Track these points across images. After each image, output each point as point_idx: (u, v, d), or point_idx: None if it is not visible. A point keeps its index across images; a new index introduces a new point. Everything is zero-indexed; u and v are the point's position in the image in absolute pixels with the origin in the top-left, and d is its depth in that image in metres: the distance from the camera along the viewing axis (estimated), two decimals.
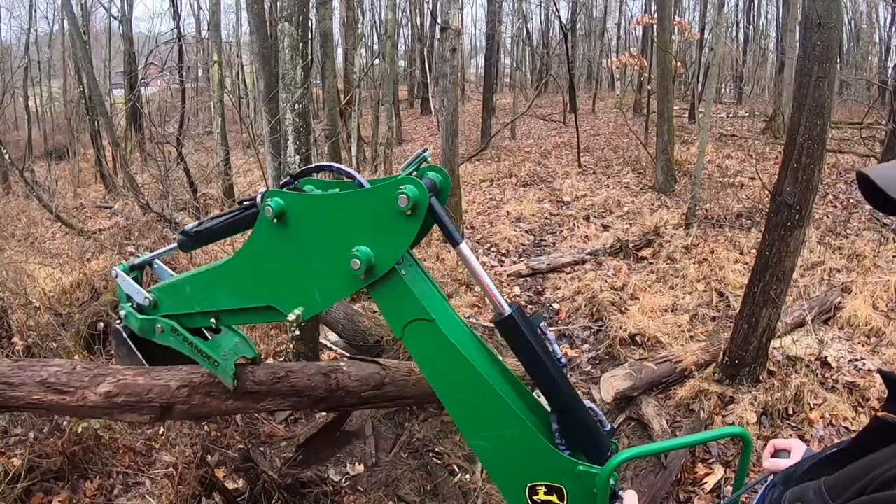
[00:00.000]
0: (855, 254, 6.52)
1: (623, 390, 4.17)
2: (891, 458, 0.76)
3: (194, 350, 1.82)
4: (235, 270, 1.60)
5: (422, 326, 1.36)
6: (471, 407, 1.40)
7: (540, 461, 1.37)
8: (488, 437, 1.39)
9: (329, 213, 1.36)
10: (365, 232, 1.31)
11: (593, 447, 1.40)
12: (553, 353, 1.40)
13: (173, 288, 1.83)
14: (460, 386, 1.38)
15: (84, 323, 5.23)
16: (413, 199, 1.24)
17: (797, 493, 0.88)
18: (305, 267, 1.43)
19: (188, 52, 21.34)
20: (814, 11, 3.60)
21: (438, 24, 10.47)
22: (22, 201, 14.62)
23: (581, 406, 1.42)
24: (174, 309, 1.81)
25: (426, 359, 1.43)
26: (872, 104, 15.77)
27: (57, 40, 24.29)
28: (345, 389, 2.36)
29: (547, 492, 1.39)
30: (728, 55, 22.40)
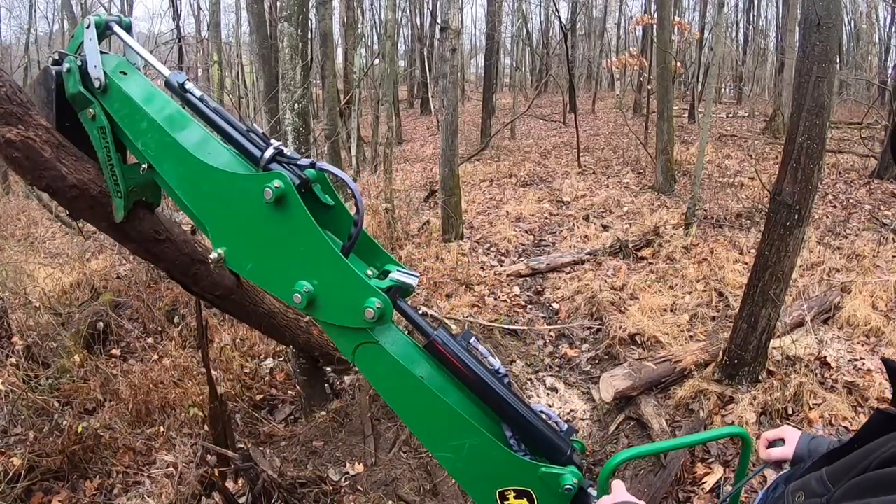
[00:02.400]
0: (854, 254, 6.52)
1: (622, 390, 4.17)
2: (887, 441, 0.77)
3: (107, 164, 1.63)
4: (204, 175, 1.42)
5: (368, 350, 1.40)
6: (426, 421, 1.45)
7: (503, 467, 1.41)
8: (449, 448, 1.43)
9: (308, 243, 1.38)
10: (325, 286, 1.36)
11: (548, 449, 1.44)
12: (491, 365, 1.45)
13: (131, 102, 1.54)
14: (412, 402, 1.42)
15: (84, 323, 5.23)
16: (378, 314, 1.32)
17: (799, 485, 0.90)
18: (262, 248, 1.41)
19: (188, 53, 21.35)
20: (813, 11, 3.60)
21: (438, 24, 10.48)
22: (22, 201, 14.62)
23: (523, 412, 1.44)
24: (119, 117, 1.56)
25: (377, 379, 1.47)
26: (872, 104, 15.79)
27: (57, 40, 24.28)
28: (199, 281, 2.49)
29: (516, 496, 1.43)
30: (728, 55, 22.42)
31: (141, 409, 4.12)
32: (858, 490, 0.73)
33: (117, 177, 1.65)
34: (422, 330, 1.42)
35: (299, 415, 4.27)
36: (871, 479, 0.73)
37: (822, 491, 0.83)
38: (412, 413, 1.46)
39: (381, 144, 11.47)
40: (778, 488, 1.03)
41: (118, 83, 1.55)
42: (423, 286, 6.55)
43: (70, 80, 1.59)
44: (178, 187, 1.49)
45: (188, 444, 3.90)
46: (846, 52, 22.04)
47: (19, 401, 3.94)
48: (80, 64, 1.59)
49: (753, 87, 24.35)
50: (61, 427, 3.76)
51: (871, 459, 0.76)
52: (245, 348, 4.98)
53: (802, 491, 0.87)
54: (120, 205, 1.71)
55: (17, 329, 5.08)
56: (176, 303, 5.63)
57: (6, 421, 3.89)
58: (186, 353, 4.88)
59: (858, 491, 0.73)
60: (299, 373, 4.24)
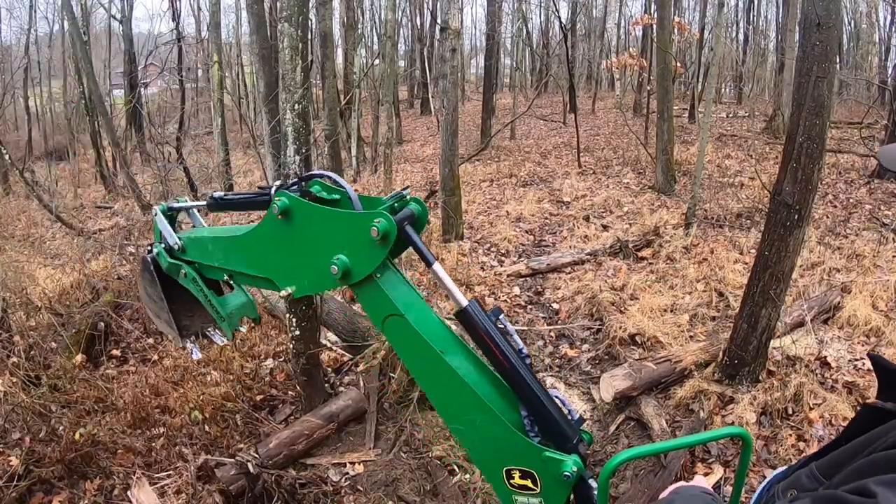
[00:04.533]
0: (854, 254, 6.52)
1: (623, 390, 4.17)
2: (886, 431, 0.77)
3: (207, 301, 2.04)
4: (247, 243, 1.82)
5: (395, 321, 1.53)
6: (443, 393, 1.54)
7: (509, 446, 1.47)
8: (462, 422, 1.52)
9: (321, 223, 1.59)
10: (344, 246, 1.53)
11: (557, 435, 1.47)
12: (515, 344, 1.49)
13: (199, 240, 2.01)
14: (431, 374, 1.52)
15: (84, 323, 5.23)
16: (382, 232, 1.44)
17: (790, 482, 0.89)
18: (299, 258, 1.66)
19: (188, 53, 21.35)
20: (813, 11, 3.60)
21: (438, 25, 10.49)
22: (22, 201, 14.63)
23: (540, 395, 1.47)
24: (197, 258, 2.02)
25: (401, 349, 1.60)
26: (872, 104, 15.79)
27: (57, 41, 24.30)
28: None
29: (521, 476, 1.48)
30: (728, 55, 22.42)
31: (140, 415, 4.12)
32: (862, 472, 0.73)
33: (217, 307, 2.06)
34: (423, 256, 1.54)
35: (299, 415, 4.27)
36: (877, 459, 0.73)
37: (813, 485, 0.82)
38: (430, 384, 1.55)
39: (381, 145, 11.47)
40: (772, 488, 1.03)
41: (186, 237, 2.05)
42: (423, 286, 6.55)
43: (162, 260, 2.09)
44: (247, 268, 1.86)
45: (188, 444, 3.90)
46: (846, 52, 22.04)
47: (18, 405, 3.94)
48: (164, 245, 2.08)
49: (753, 87, 24.34)
50: (58, 434, 3.76)
51: (876, 446, 0.76)
52: (245, 349, 4.98)
53: (794, 488, 0.87)
54: (226, 327, 2.09)
55: (18, 329, 5.08)
56: None
57: (4, 420, 3.89)
58: (186, 354, 4.88)
59: (862, 473, 0.72)
60: (300, 373, 4.24)
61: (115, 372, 4.83)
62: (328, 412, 4.11)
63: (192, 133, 18.34)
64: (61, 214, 11.11)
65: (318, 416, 4.07)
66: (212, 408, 4.13)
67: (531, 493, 1.48)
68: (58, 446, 3.63)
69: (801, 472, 0.88)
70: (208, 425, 4.03)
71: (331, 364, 4.96)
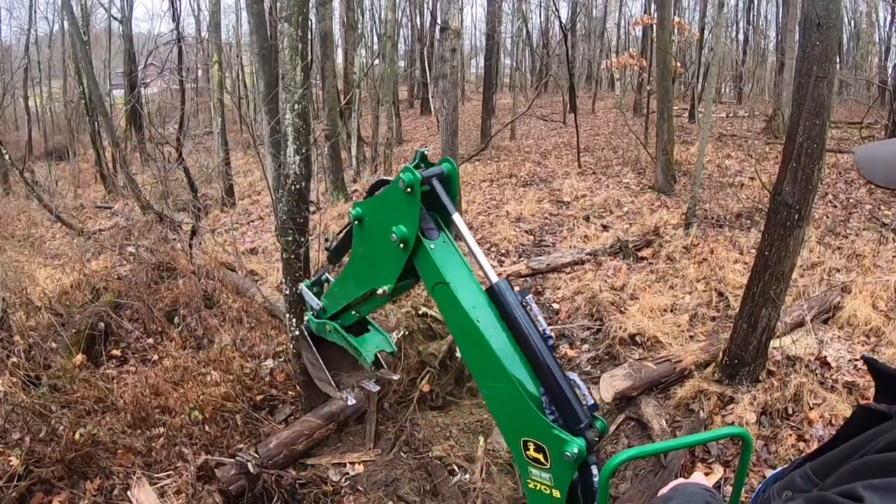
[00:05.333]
0: (854, 254, 6.52)
1: (623, 390, 4.17)
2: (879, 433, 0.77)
3: (348, 343, 2.30)
4: (351, 267, 2.08)
5: (442, 288, 1.70)
6: (474, 359, 1.68)
7: (525, 419, 1.56)
8: (488, 387, 1.64)
9: (377, 209, 1.82)
10: (394, 215, 1.72)
11: (565, 415, 1.52)
12: (539, 324, 1.58)
13: (330, 293, 2.30)
14: (466, 339, 1.67)
15: (84, 323, 5.23)
16: (407, 182, 1.63)
17: (785, 483, 0.90)
18: (378, 248, 1.85)
19: (188, 53, 21.35)
20: (813, 11, 3.60)
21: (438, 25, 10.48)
22: (22, 202, 14.63)
23: (555, 375, 1.54)
24: (333, 309, 2.28)
25: (446, 314, 1.76)
26: (872, 104, 15.78)
27: (57, 41, 24.28)
28: None
29: (535, 449, 1.56)
30: (728, 55, 22.41)
31: (140, 415, 4.12)
32: (856, 474, 0.73)
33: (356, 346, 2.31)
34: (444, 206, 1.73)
35: (299, 415, 4.27)
36: (868, 462, 0.73)
37: (807, 486, 0.82)
38: (465, 349, 1.72)
39: (381, 145, 11.47)
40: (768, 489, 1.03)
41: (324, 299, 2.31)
42: (422, 286, 6.55)
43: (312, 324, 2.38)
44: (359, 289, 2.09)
45: (188, 444, 3.90)
46: (846, 52, 22.03)
47: (18, 405, 3.94)
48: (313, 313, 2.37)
49: (753, 87, 24.33)
50: (58, 434, 3.75)
51: (868, 448, 0.76)
52: (245, 349, 4.98)
53: (789, 489, 0.87)
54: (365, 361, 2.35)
55: (18, 329, 5.08)
56: (176, 303, 5.63)
57: (4, 420, 3.88)
58: (186, 354, 4.88)
59: (856, 475, 0.73)
60: (299, 373, 4.24)
61: (115, 372, 4.83)
62: (328, 412, 4.11)
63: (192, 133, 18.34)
64: (61, 214, 11.11)
65: (318, 416, 4.07)
66: (212, 408, 4.13)
67: (543, 468, 1.55)
68: (58, 446, 3.63)
69: (795, 473, 0.88)
70: (208, 425, 4.03)
71: None
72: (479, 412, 4.23)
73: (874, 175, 0.84)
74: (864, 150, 0.88)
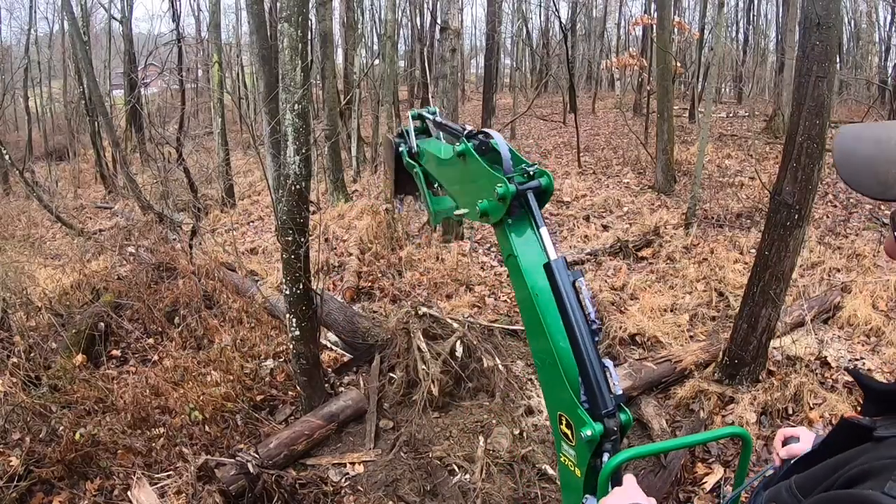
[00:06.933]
0: (854, 253, 6.52)
1: (622, 390, 4.17)
2: (855, 457, 0.78)
3: (424, 197, 2.64)
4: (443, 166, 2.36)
5: (512, 260, 1.85)
6: (530, 328, 1.83)
7: (560, 393, 1.65)
8: (537, 358, 1.79)
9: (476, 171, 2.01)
10: (484, 194, 1.92)
11: (591, 398, 1.58)
12: (586, 307, 1.63)
13: (425, 151, 2.56)
14: (525, 309, 1.83)
15: (84, 323, 5.23)
16: (501, 194, 1.79)
17: (772, 493, 0.91)
18: (466, 189, 2.10)
19: (188, 53, 21.35)
20: (813, 11, 3.60)
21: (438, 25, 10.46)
22: (22, 202, 14.63)
23: (589, 358, 1.60)
24: (423, 163, 2.59)
25: (513, 282, 1.92)
26: (872, 104, 15.78)
27: (57, 41, 24.29)
28: None
29: (566, 424, 1.63)
30: (728, 55, 22.40)
31: (141, 415, 4.12)
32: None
33: (429, 204, 2.63)
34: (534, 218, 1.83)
35: (299, 415, 4.27)
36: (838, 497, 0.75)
37: (791, 501, 0.84)
38: (524, 317, 1.86)
39: (382, 145, 11.46)
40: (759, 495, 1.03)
41: (421, 145, 2.61)
42: (423, 286, 6.55)
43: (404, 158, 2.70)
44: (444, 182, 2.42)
45: (188, 444, 3.90)
46: (846, 51, 22.02)
47: (18, 405, 3.94)
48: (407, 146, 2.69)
49: (753, 87, 24.32)
50: (58, 434, 3.75)
51: (837, 476, 0.77)
52: (245, 349, 4.97)
53: (774, 501, 0.89)
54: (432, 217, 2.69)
55: (18, 329, 5.08)
56: (176, 304, 5.63)
57: (4, 420, 3.89)
58: (187, 354, 4.88)
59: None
60: (300, 373, 4.24)
61: (115, 372, 4.83)
62: (328, 412, 4.11)
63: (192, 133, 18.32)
64: (61, 215, 11.11)
65: (319, 417, 4.07)
66: (212, 408, 4.13)
67: (570, 444, 1.63)
68: (58, 446, 3.63)
69: (781, 486, 0.89)
70: (208, 425, 4.03)
71: (331, 364, 4.96)
72: (478, 413, 4.23)
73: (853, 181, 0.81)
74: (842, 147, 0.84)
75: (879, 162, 0.78)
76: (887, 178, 0.77)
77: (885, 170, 0.77)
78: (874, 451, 0.77)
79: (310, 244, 4.14)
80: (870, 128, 0.84)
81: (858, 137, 0.83)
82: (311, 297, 4.13)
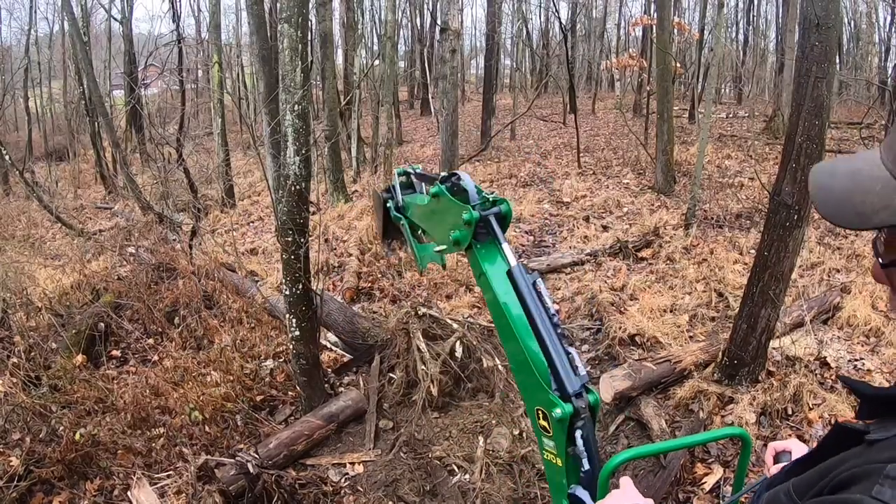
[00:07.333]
0: (854, 254, 6.52)
1: (622, 390, 4.17)
2: (845, 460, 0.80)
3: (412, 246, 2.87)
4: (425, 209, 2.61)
5: (483, 279, 2.06)
6: (503, 335, 2.02)
7: (535, 388, 1.77)
8: (513, 361, 1.94)
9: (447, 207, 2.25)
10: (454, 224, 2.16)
11: (560, 386, 1.71)
12: (545, 302, 1.82)
13: (409, 203, 2.85)
14: (498, 319, 2.00)
15: (84, 324, 5.24)
16: (466, 220, 2.05)
17: (770, 497, 0.92)
18: (442, 226, 2.31)
19: (188, 54, 21.35)
20: (812, 12, 3.61)
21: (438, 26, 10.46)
22: (22, 202, 14.63)
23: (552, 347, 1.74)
24: (409, 214, 2.86)
25: (486, 297, 2.12)
26: (872, 104, 15.79)
27: (57, 41, 24.29)
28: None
29: (544, 417, 1.74)
30: (728, 55, 22.41)
31: (140, 415, 4.12)
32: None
33: (415, 251, 2.88)
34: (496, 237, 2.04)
35: (299, 415, 4.27)
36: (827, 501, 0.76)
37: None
38: (498, 327, 2.04)
39: (382, 145, 11.46)
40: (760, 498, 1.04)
41: (406, 199, 2.88)
42: (423, 287, 6.56)
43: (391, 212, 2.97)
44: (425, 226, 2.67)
45: (188, 444, 3.90)
46: (846, 52, 22.04)
47: (18, 406, 3.94)
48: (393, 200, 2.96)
49: (753, 87, 24.34)
50: (58, 434, 3.75)
51: (829, 479, 0.79)
52: (245, 349, 4.98)
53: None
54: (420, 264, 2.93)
55: (18, 329, 5.08)
56: (176, 304, 5.64)
57: (4, 420, 3.89)
58: (186, 355, 4.88)
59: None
60: (299, 374, 4.25)
61: (115, 372, 4.83)
62: (328, 412, 4.12)
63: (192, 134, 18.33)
64: (61, 215, 11.12)
65: (318, 417, 4.07)
66: (212, 408, 4.13)
67: (548, 436, 1.75)
68: (58, 447, 3.63)
69: (780, 489, 0.90)
70: (208, 426, 4.03)
71: (331, 364, 4.96)
72: (478, 413, 4.23)
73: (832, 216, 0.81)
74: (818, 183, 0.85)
75: (856, 193, 0.79)
76: (864, 209, 0.78)
77: (862, 200, 0.78)
78: (864, 454, 0.78)
79: (310, 244, 4.15)
80: (843, 161, 0.85)
81: (833, 173, 0.84)
82: (310, 298, 4.13)
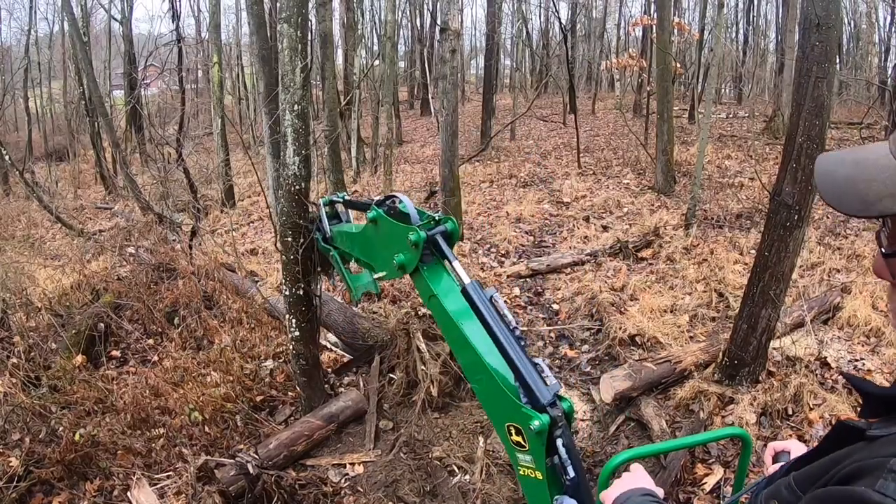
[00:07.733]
0: (854, 254, 6.52)
1: (622, 391, 4.17)
2: (849, 455, 0.80)
3: (343, 277, 2.88)
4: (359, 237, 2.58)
5: (433, 300, 2.04)
6: (461, 356, 1.98)
7: (504, 405, 1.76)
8: (476, 381, 1.91)
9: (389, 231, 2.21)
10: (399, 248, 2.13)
11: (529, 394, 1.70)
12: (505, 317, 1.81)
13: (340, 232, 2.82)
14: (454, 340, 1.99)
15: (84, 324, 5.23)
16: (413, 241, 2.02)
17: (771, 491, 0.93)
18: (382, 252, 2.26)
19: (188, 54, 21.34)
20: (812, 12, 3.60)
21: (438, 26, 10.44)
22: (22, 202, 14.64)
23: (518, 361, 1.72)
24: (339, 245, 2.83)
25: (438, 321, 2.09)
26: (872, 104, 15.78)
27: (57, 41, 24.28)
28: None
29: (516, 433, 1.72)
30: (728, 56, 22.40)
31: (140, 415, 4.12)
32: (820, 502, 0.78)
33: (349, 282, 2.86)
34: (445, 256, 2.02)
35: (299, 416, 4.27)
36: (831, 493, 0.77)
37: (791, 498, 0.86)
38: (455, 349, 2.03)
39: (381, 145, 11.46)
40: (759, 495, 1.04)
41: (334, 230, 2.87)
42: None
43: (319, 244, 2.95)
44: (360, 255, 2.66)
45: (188, 444, 3.89)
46: (846, 52, 22.02)
47: (18, 406, 3.93)
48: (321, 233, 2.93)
49: (753, 87, 24.33)
50: (58, 435, 3.75)
51: (834, 472, 0.79)
52: (245, 350, 4.97)
53: (774, 498, 0.91)
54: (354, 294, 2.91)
55: (18, 330, 5.08)
56: (176, 304, 5.63)
57: (4, 420, 3.88)
58: (186, 355, 4.88)
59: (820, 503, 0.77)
60: (299, 374, 4.24)
61: (114, 373, 4.83)
62: (328, 413, 4.11)
63: (192, 134, 18.33)
64: (61, 215, 11.11)
65: (318, 417, 4.07)
66: (212, 409, 4.13)
67: (523, 451, 1.72)
68: (57, 447, 3.63)
69: (781, 483, 0.91)
70: (208, 426, 4.03)
71: (331, 365, 4.95)
72: (478, 413, 4.23)
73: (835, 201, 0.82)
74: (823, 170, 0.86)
75: (860, 180, 0.80)
76: (868, 196, 0.79)
77: (866, 187, 0.79)
78: (867, 449, 0.78)
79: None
80: (849, 152, 0.87)
81: (839, 161, 0.86)
82: (310, 298, 4.13)
